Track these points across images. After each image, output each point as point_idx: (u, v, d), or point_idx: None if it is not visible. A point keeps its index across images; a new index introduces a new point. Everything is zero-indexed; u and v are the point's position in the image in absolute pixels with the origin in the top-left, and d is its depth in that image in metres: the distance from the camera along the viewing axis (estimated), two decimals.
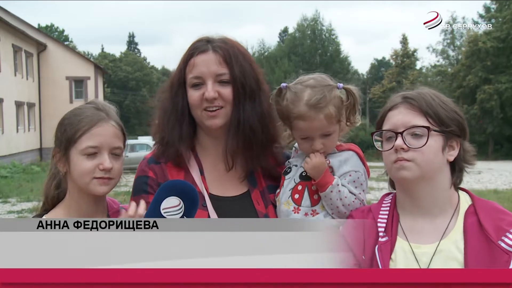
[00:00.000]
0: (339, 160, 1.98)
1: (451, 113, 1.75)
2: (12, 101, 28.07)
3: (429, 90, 1.81)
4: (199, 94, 1.98)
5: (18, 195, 16.09)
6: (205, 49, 2.00)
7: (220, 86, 1.98)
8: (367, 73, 77.81)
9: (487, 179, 19.91)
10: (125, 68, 69.37)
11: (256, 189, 2.07)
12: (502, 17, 40.36)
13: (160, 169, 2.03)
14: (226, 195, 2.04)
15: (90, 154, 1.90)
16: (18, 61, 29.33)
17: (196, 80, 1.98)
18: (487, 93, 39.39)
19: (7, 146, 26.38)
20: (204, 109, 1.98)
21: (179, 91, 2.03)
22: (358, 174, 1.96)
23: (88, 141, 1.91)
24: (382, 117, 1.83)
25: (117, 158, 1.96)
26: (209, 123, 1.99)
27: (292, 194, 1.99)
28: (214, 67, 1.97)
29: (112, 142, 1.94)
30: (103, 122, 1.94)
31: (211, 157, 2.09)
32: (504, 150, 41.33)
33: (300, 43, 60.67)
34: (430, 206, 1.75)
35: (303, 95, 1.90)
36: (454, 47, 49.27)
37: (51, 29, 72.12)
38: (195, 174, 2.03)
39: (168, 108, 2.05)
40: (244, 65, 2.01)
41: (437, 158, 1.72)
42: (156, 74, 75.35)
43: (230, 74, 1.98)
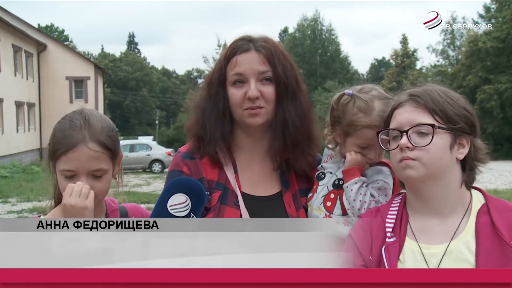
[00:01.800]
0: (373, 170, 2.00)
1: (459, 110, 1.70)
2: (12, 101, 28.07)
3: (437, 87, 1.76)
4: (241, 93, 1.96)
5: (18, 195, 16.08)
6: (247, 48, 1.98)
7: (262, 85, 1.97)
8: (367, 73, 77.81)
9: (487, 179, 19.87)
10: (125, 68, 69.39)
11: (289, 192, 2.06)
12: (502, 17, 40.38)
13: (195, 164, 2.01)
14: (259, 194, 2.03)
15: (67, 176, 1.87)
16: (18, 61, 29.33)
17: (238, 77, 1.96)
18: (487, 93, 39.39)
19: (7, 146, 26.39)
20: (246, 109, 1.97)
21: (219, 89, 2.01)
22: (386, 185, 1.97)
23: (65, 165, 1.86)
24: (389, 116, 1.80)
25: (98, 179, 1.89)
26: (250, 120, 1.97)
27: (325, 201, 1.99)
28: (257, 66, 1.96)
29: (89, 166, 1.86)
30: (80, 146, 1.86)
31: (246, 156, 2.08)
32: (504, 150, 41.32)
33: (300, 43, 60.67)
34: (439, 205, 1.71)
35: (374, 105, 1.94)
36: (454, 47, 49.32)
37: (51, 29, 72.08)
38: (229, 172, 2.02)
39: (208, 107, 2.03)
40: (286, 65, 2.01)
41: (445, 157, 1.67)
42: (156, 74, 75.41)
43: (273, 73, 1.97)
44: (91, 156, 1.86)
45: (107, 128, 1.94)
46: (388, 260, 1.67)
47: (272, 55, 1.98)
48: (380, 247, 1.71)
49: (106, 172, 1.92)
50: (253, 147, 2.08)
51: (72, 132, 1.88)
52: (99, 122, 1.94)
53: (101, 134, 1.91)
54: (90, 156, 1.86)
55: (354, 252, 1.76)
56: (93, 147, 1.87)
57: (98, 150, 1.88)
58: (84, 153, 1.86)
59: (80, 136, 1.87)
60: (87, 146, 1.86)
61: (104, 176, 1.91)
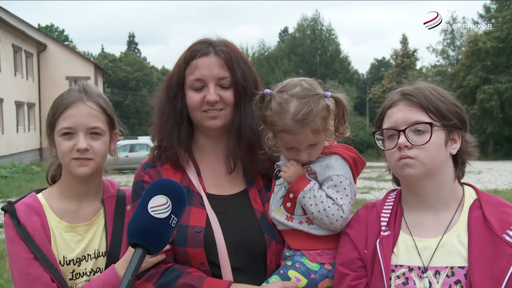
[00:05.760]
0: (321, 165, 1.90)
1: (451, 106, 1.73)
2: (12, 101, 28.06)
3: (427, 84, 1.78)
4: (200, 96, 1.97)
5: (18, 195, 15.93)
6: (207, 52, 1.99)
7: (221, 90, 1.97)
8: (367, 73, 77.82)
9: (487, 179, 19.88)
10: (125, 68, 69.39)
11: (254, 187, 2.07)
12: (502, 17, 40.35)
13: (156, 172, 2.03)
14: (224, 193, 2.04)
15: (66, 135, 1.95)
16: (18, 61, 29.32)
17: (198, 82, 1.97)
18: (487, 93, 39.37)
19: (7, 146, 26.36)
20: (204, 111, 1.98)
21: (177, 93, 2.02)
22: (340, 178, 1.87)
23: (63, 123, 1.95)
24: (381, 115, 1.81)
25: (96, 138, 1.98)
26: (209, 123, 1.99)
27: (284, 202, 1.96)
28: (216, 71, 1.97)
29: (87, 123, 1.95)
30: (78, 103, 1.96)
31: (208, 158, 2.09)
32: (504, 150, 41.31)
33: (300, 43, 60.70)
34: (434, 200, 1.74)
35: (289, 107, 1.79)
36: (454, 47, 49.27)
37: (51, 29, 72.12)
38: (192, 175, 2.03)
39: (166, 110, 2.04)
40: (245, 69, 2.02)
41: (441, 153, 1.70)
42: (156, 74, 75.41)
43: (232, 78, 1.98)
44: (89, 112, 1.96)
45: (103, 98, 2.07)
46: (382, 253, 1.70)
47: (231, 60, 1.98)
48: (374, 241, 1.75)
49: (104, 133, 2.00)
50: (214, 149, 2.08)
51: (71, 93, 2.01)
52: (96, 90, 2.07)
53: (98, 98, 2.03)
54: (88, 113, 1.96)
55: (349, 246, 1.79)
56: (91, 105, 1.98)
57: (96, 109, 1.99)
58: (82, 109, 1.96)
59: (78, 96, 1.99)
60: (85, 103, 1.97)
61: (101, 138, 2.00)
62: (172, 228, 1.37)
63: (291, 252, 1.94)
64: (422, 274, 1.67)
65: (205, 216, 1.94)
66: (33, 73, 32.28)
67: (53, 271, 1.89)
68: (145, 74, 72.07)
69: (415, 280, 1.67)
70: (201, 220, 1.92)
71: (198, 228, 1.90)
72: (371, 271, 1.73)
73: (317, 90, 1.85)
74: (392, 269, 1.70)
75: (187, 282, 1.82)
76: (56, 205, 2.03)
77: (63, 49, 35.65)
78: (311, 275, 1.88)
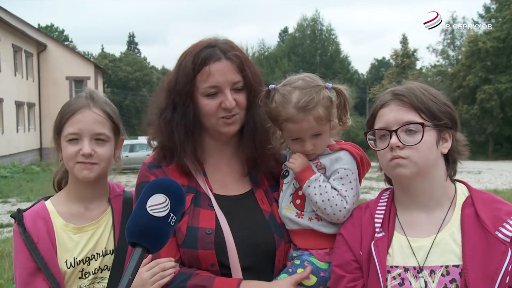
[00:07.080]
0: (330, 159, 1.95)
1: (442, 106, 1.74)
2: (12, 101, 28.07)
3: (418, 84, 1.79)
4: (216, 103, 1.95)
5: (18, 195, 16.09)
6: (218, 57, 1.95)
7: (236, 94, 1.97)
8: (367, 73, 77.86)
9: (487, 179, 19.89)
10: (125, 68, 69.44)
11: (260, 189, 2.07)
12: (502, 17, 40.36)
13: (162, 172, 2.01)
14: (230, 194, 2.04)
15: (71, 140, 1.99)
16: (18, 61, 29.34)
17: (213, 89, 1.94)
18: (487, 93, 39.37)
19: (7, 146, 26.38)
20: (221, 117, 1.96)
21: (187, 99, 1.98)
22: (347, 172, 1.92)
23: (70, 128, 2.00)
24: (373, 115, 1.82)
25: (101, 144, 2.02)
26: (226, 129, 1.98)
27: (294, 199, 1.98)
28: (231, 76, 1.95)
29: (93, 129, 2.00)
30: (84, 109, 2.01)
31: (213, 159, 2.08)
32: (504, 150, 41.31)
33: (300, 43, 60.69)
34: (427, 199, 1.75)
35: (291, 97, 1.87)
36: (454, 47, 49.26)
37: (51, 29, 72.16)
38: (199, 177, 2.03)
39: (175, 117, 1.99)
40: (254, 71, 2.03)
41: (432, 153, 1.71)
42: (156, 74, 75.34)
43: (244, 81, 1.98)
44: (95, 119, 2.01)
45: (110, 104, 2.11)
46: (378, 255, 1.71)
47: (242, 64, 1.98)
48: (369, 242, 1.76)
49: (109, 140, 2.05)
50: (220, 150, 2.08)
51: (78, 100, 2.06)
52: (102, 97, 2.12)
53: (104, 105, 2.07)
54: (94, 119, 2.01)
55: (344, 248, 1.80)
56: (97, 111, 2.03)
57: (102, 115, 2.04)
58: (88, 115, 2.01)
59: (85, 102, 2.04)
60: (91, 110, 2.02)
61: (106, 144, 2.04)
62: (171, 227, 1.37)
63: (298, 252, 1.96)
64: (418, 274, 1.68)
65: (214, 217, 1.94)
66: (33, 73, 32.29)
67: (53, 281, 1.93)
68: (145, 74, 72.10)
69: (411, 281, 1.68)
70: (210, 222, 1.93)
71: (208, 230, 1.91)
72: (367, 272, 1.74)
73: (318, 82, 1.92)
74: (387, 270, 1.71)
75: (197, 283, 1.83)
76: (63, 210, 2.07)
77: (63, 49, 35.65)
78: (321, 273, 1.91)
